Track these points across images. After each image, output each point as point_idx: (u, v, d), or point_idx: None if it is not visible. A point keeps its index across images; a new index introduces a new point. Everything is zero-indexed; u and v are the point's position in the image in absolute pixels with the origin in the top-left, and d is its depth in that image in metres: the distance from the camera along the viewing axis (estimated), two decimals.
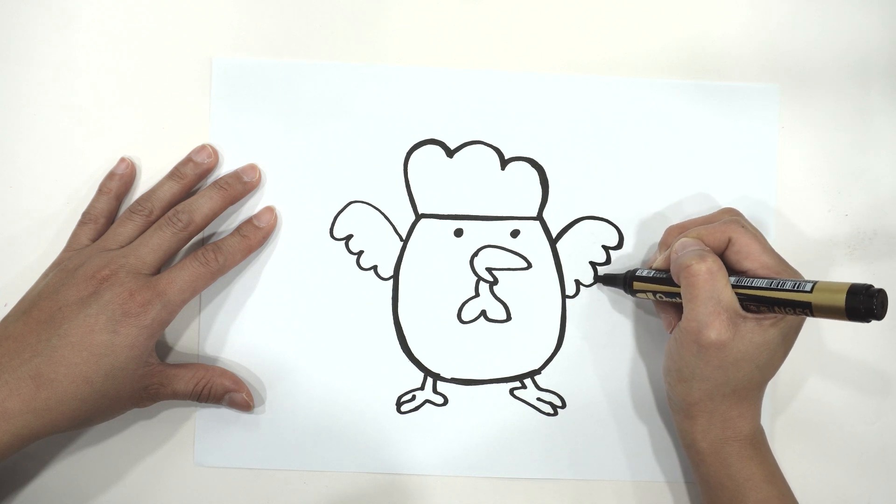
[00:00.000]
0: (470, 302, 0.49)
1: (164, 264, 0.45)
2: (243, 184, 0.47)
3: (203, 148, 0.48)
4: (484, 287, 0.49)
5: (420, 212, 0.49)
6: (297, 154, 0.49)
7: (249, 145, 0.49)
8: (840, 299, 0.37)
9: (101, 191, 0.47)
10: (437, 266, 0.49)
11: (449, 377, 0.49)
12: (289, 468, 0.48)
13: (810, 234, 0.50)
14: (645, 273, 0.46)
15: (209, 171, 0.48)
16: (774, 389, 0.49)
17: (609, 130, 0.49)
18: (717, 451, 0.43)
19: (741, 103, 0.50)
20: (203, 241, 0.48)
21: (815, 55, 0.50)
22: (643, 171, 0.49)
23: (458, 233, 0.49)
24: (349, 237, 0.49)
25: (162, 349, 0.48)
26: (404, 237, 0.49)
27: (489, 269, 0.49)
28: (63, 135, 0.48)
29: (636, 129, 0.49)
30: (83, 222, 0.47)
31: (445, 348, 0.49)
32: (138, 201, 0.46)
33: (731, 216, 0.45)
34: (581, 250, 0.49)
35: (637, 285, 0.46)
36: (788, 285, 0.39)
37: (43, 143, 0.48)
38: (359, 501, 0.49)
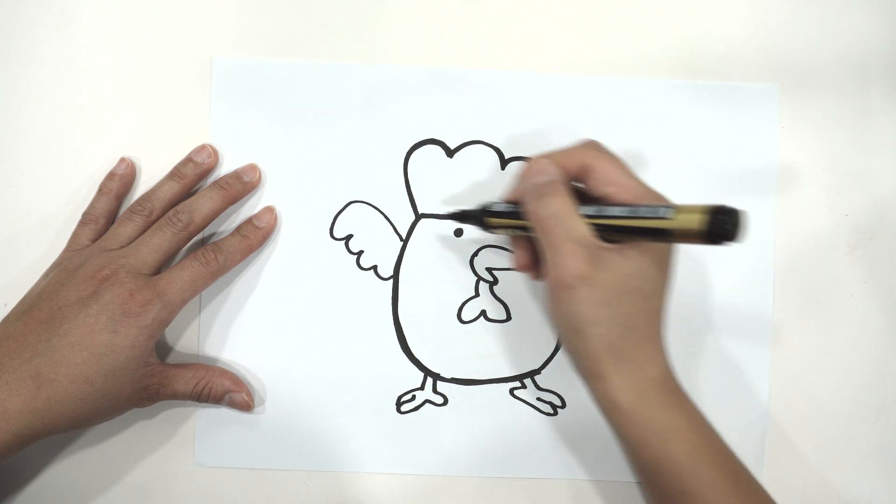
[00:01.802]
0: (470, 302, 0.49)
1: (165, 264, 0.45)
2: (243, 184, 0.48)
3: (203, 148, 0.48)
4: (484, 287, 0.49)
5: (420, 212, 0.49)
6: (297, 154, 0.49)
7: (249, 145, 0.49)
8: (695, 220, 0.34)
9: (101, 191, 0.48)
10: (437, 266, 0.49)
11: (449, 377, 0.49)
12: (288, 468, 0.49)
13: (810, 234, 0.50)
14: (499, 208, 0.43)
15: (209, 171, 0.48)
16: (775, 388, 0.50)
17: (609, 130, 0.49)
18: (637, 407, 0.39)
19: (741, 103, 0.50)
20: (203, 241, 0.48)
21: (815, 55, 0.50)
22: (643, 171, 0.49)
23: (458, 233, 0.49)
24: (349, 237, 0.49)
25: (162, 349, 0.48)
26: (404, 237, 0.49)
27: (489, 269, 0.49)
28: (63, 135, 0.48)
29: (636, 129, 0.50)
30: (83, 222, 0.47)
31: (445, 348, 0.49)
32: (138, 201, 0.46)
33: (589, 141, 0.43)
34: None
35: (492, 221, 0.43)
36: (646, 212, 0.37)
37: (43, 143, 0.48)
38: (358, 501, 0.49)
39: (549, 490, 0.49)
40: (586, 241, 0.38)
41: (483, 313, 0.49)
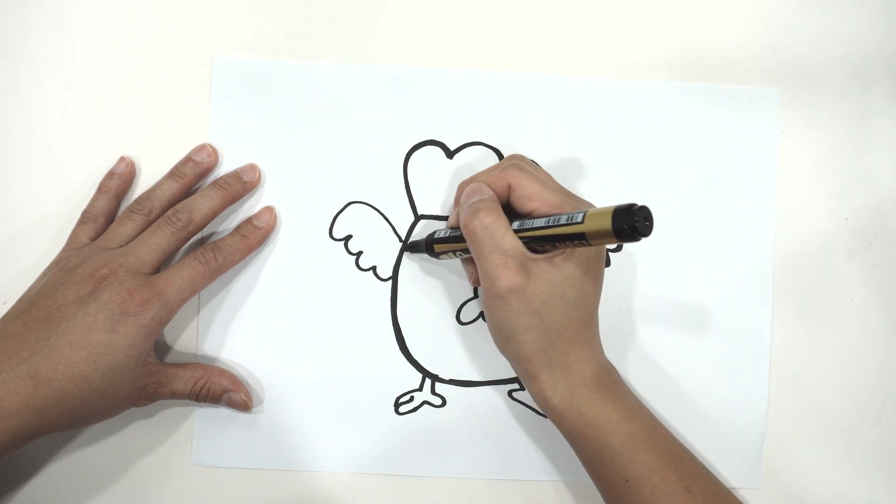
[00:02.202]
0: (469, 303, 0.49)
1: (164, 264, 0.45)
2: (243, 183, 0.48)
3: (203, 147, 0.48)
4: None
5: (419, 213, 0.49)
6: (297, 154, 0.49)
7: (249, 145, 0.49)
8: (606, 223, 0.36)
9: (100, 190, 0.48)
10: (436, 267, 0.49)
11: (447, 378, 0.49)
12: (286, 468, 0.49)
13: (810, 238, 0.50)
14: (442, 234, 0.45)
15: (209, 170, 0.48)
16: (774, 391, 0.49)
17: (610, 132, 0.49)
18: (569, 404, 0.42)
19: (742, 106, 0.50)
20: (202, 241, 0.48)
21: (815, 58, 0.50)
22: (644, 174, 0.49)
23: None
24: (348, 238, 0.49)
25: (161, 348, 0.48)
26: (404, 238, 0.49)
27: None
28: (63, 134, 0.48)
29: (637, 131, 0.49)
30: (83, 221, 0.47)
31: (444, 349, 0.49)
32: (138, 200, 0.46)
33: (511, 161, 0.44)
34: None
35: (438, 248, 0.46)
36: (563, 220, 0.38)
37: (43, 141, 0.48)
38: (355, 502, 0.49)
39: (546, 492, 0.49)
40: (516, 253, 0.40)
41: (482, 314, 0.49)
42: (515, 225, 0.41)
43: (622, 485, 0.41)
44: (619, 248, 0.50)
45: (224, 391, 0.46)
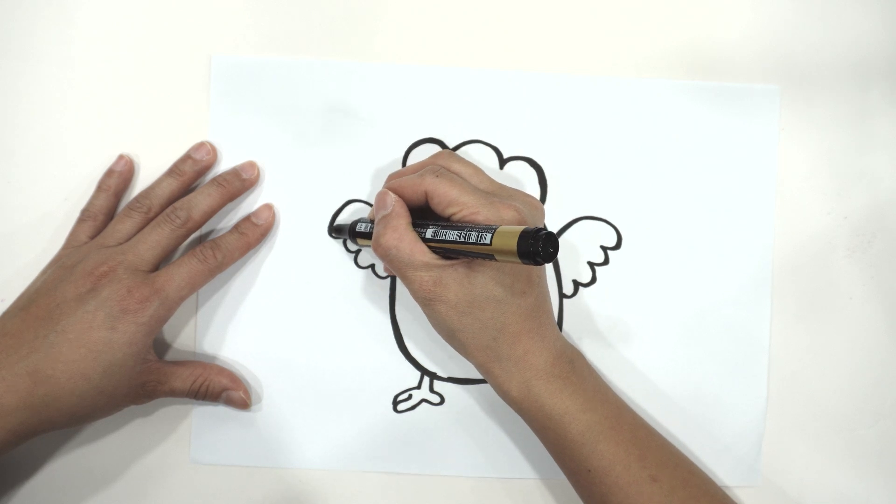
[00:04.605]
0: None
1: (163, 261, 0.45)
2: (242, 181, 0.48)
3: (202, 145, 0.48)
4: None
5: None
6: (296, 152, 0.49)
7: (248, 142, 0.49)
8: (512, 244, 0.36)
9: (99, 188, 0.48)
10: None
11: (446, 376, 0.49)
12: (285, 466, 0.49)
13: (809, 237, 0.50)
14: (362, 228, 0.46)
15: (208, 168, 0.48)
16: (773, 391, 0.49)
17: (609, 130, 0.49)
18: (527, 395, 0.42)
19: (742, 104, 0.50)
20: (201, 239, 0.48)
21: (815, 57, 0.50)
22: (642, 172, 0.49)
23: None
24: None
25: (160, 346, 0.48)
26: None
27: None
28: (62, 131, 0.48)
29: (636, 130, 0.49)
30: (82, 219, 0.47)
31: (442, 347, 0.49)
32: (137, 198, 0.46)
33: (430, 166, 0.44)
34: (579, 250, 0.49)
35: (361, 241, 0.47)
36: (473, 237, 0.38)
37: (41, 139, 0.48)
38: (354, 500, 0.49)
39: (545, 490, 0.49)
40: (427, 266, 0.40)
41: None
42: (430, 233, 0.41)
43: (585, 475, 0.42)
44: (617, 246, 0.50)
45: (223, 389, 0.47)
